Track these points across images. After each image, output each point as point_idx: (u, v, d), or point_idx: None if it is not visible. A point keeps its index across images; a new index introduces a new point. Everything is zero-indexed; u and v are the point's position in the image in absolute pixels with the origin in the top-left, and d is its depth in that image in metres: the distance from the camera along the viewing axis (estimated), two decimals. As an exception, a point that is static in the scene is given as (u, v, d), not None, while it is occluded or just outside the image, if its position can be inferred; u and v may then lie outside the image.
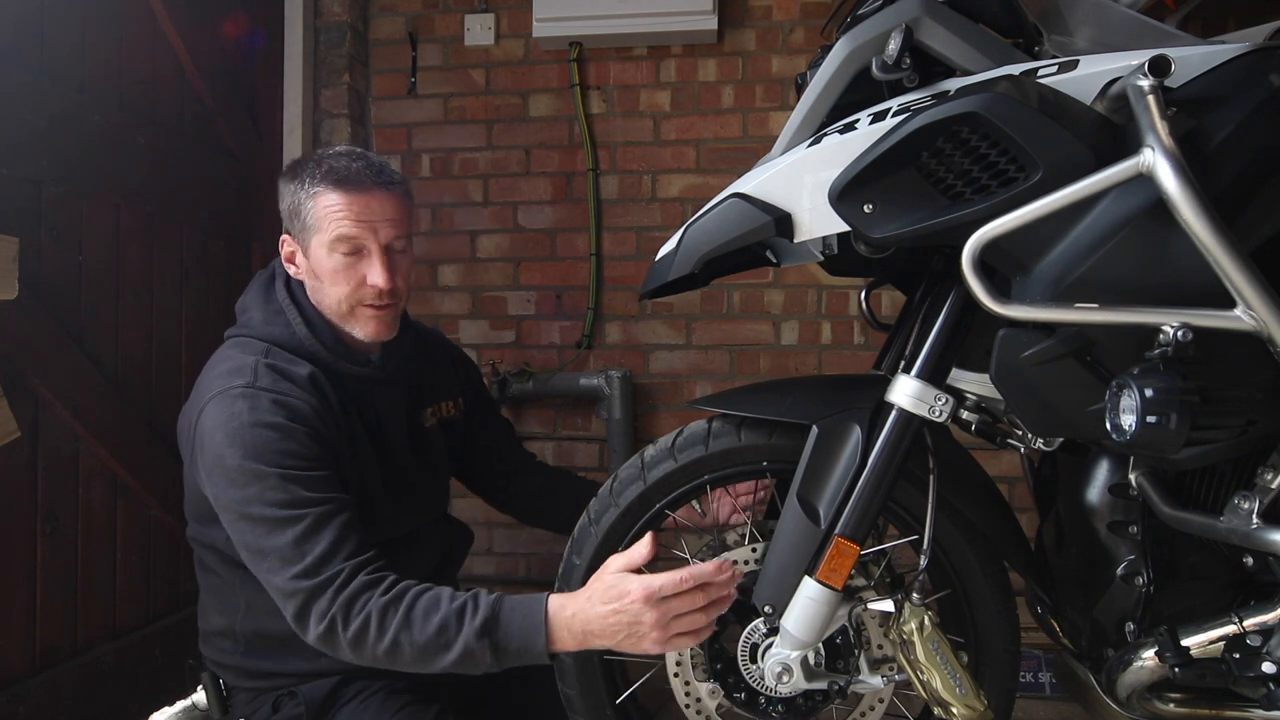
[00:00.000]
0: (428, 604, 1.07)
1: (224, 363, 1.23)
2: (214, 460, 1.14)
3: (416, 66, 2.46)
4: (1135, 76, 0.82)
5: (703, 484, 1.20)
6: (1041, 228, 0.88)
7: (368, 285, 1.24)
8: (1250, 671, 0.98)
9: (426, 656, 1.06)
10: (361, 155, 1.26)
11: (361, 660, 1.09)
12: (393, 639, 1.06)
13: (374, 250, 1.24)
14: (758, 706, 1.20)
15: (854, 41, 1.02)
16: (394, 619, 1.06)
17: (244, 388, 1.16)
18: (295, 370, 1.22)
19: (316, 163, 1.25)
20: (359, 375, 1.30)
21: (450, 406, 1.50)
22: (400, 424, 1.37)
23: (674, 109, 2.37)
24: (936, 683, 1.04)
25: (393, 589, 1.09)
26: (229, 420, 1.14)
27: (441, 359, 1.52)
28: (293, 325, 1.26)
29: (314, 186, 1.23)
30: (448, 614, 1.06)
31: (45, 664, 1.52)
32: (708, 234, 1.07)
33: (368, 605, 1.07)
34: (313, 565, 1.08)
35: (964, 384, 1.13)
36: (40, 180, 1.51)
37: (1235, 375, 0.88)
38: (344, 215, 1.21)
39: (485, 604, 1.08)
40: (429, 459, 1.43)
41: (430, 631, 1.05)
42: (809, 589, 1.07)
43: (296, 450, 1.14)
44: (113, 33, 1.71)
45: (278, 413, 1.15)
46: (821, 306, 2.32)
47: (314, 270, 1.26)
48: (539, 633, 1.05)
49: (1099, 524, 1.11)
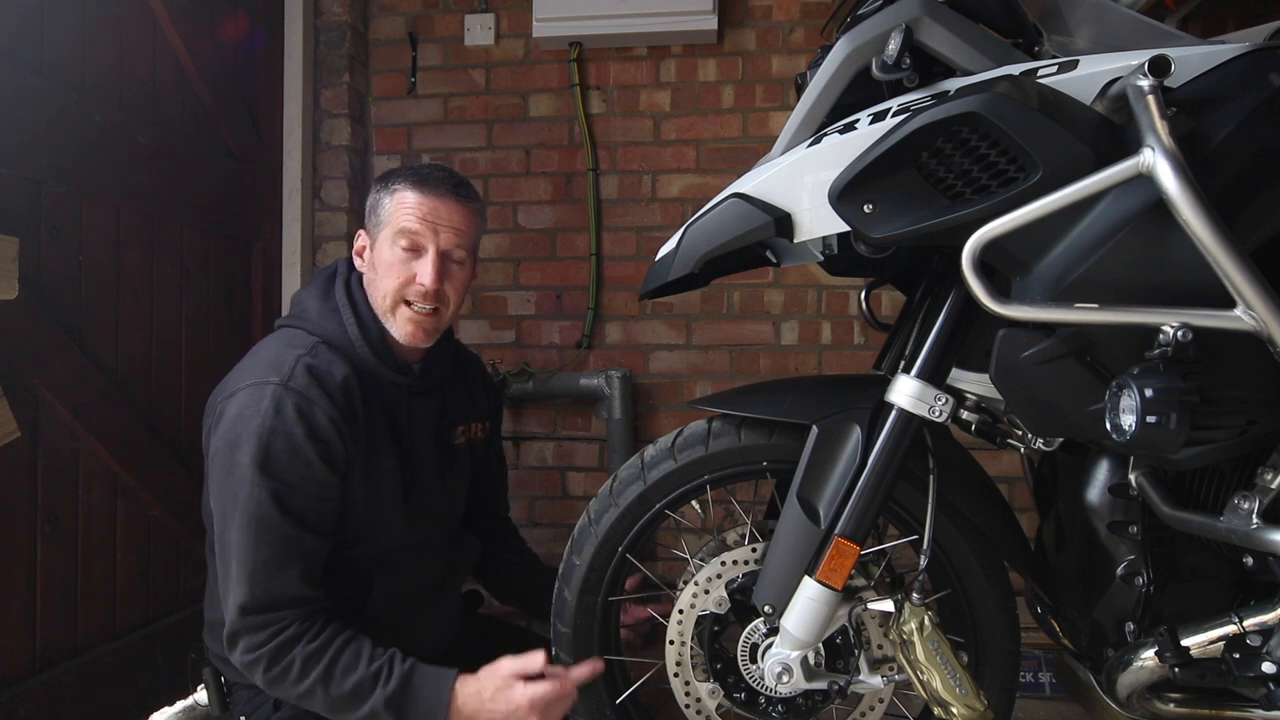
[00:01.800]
0: (348, 661, 1.17)
1: (268, 352, 1.27)
2: (225, 445, 1.19)
3: (416, 66, 2.46)
4: (1135, 76, 0.82)
5: (702, 484, 1.20)
6: (1041, 228, 0.88)
7: (416, 283, 1.27)
8: (1250, 671, 0.98)
9: (336, 709, 1.17)
10: (447, 169, 1.34)
11: (273, 694, 1.21)
12: (309, 688, 1.16)
13: (430, 251, 1.28)
14: (758, 706, 1.20)
15: (854, 41, 1.02)
16: (315, 670, 1.15)
17: (277, 385, 1.20)
18: (333, 373, 1.24)
19: (409, 167, 1.33)
20: (397, 383, 1.33)
21: (479, 429, 1.54)
22: (429, 437, 1.39)
23: (674, 109, 2.37)
24: (936, 683, 1.04)
25: (319, 637, 1.17)
26: (253, 416, 1.18)
27: (478, 383, 1.56)
28: (345, 324, 1.29)
29: (395, 184, 1.30)
30: (364, 676, 1.16)
31: (45, 664, 1.52)
32: (708, 234, 1.07)
33: (294, 652, 1.16)
34: (262, 600, 1.16)
35: (964, 384, 1.13)
36: (40, 180, 1.51)
37: (1235, 375, 0.88)
38: (411, 211, 1.27)
39: (398, 674, 1.17)
40: (452, 475, 1.45)
41: (345, 690, 1.15)
42: (809, 589, 1.07)
43: (301, 471, 1.18)
44: (113, 33, 1.71)
45: (298, 425, 1.18)
46: (821, 306, 2.32)
47: (374, 262, 1.31)
48: (441, 713, 1.16)
49: (1099, 524, 1.11)
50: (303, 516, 1.18)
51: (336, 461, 1.22)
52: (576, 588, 1.23)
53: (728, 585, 1.18)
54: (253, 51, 2.20)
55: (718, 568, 1.19)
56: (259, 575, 1.16)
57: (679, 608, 1.20)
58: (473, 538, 1.58)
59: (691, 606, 1.19)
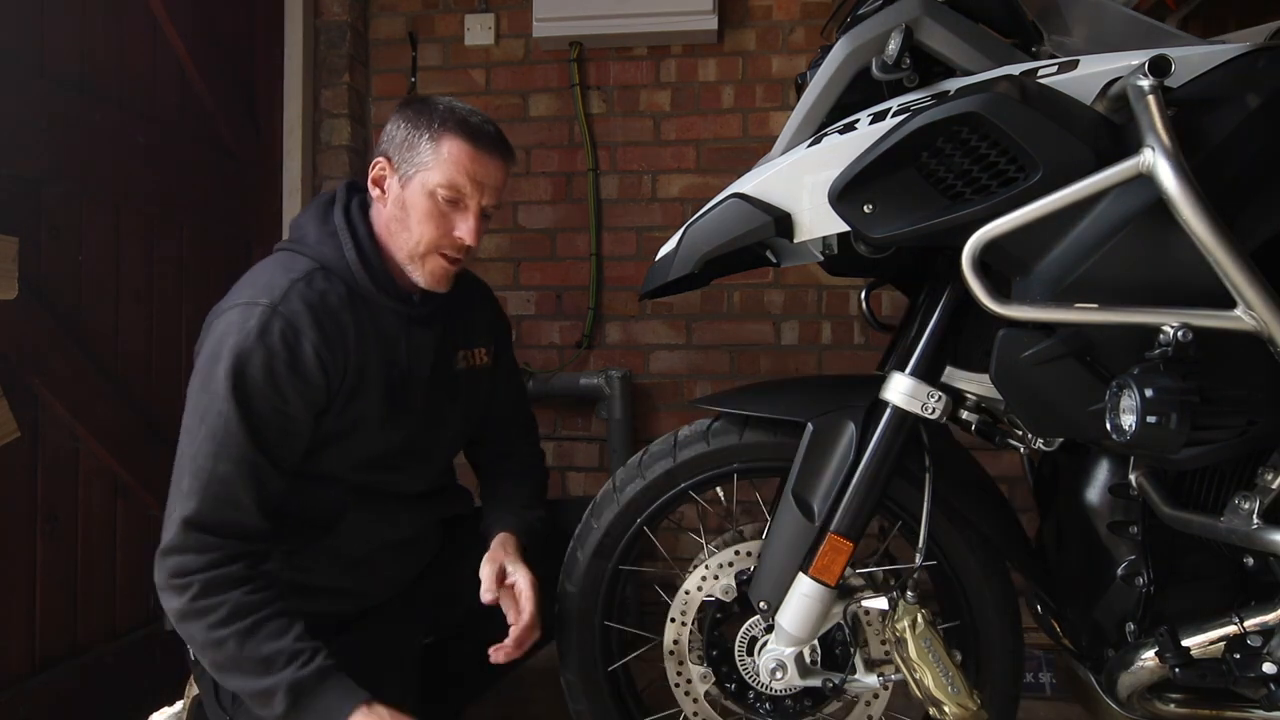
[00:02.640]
0: (277, 629, 1.10)
1: (263, 274, 1.25)
2: (206, 360, 1.18)
3: (416, 66, 2.46)
4: (1135, 76, 0.82)
5: (731, 472, 1.22)
6: (1041, 228, 0.88)
7: (454, 236, 1.27)
8: (1251, 672, 0.98)
9: (234, 668, 1.09)
10: (491, 121, 1.31)
11: (175, 626, 1.12)
12: (225, 636, 1.08)
13: (473, 207, 1.27)
14: (746, 700, 1.20)
15: (854, 41, 1.02)
16: (241, 622, 1.09)
17: (266, 307, 1.18)
18: (326, 301, 1.23)
19: (450, 109, 1.27)
20: (394, 310, 1.31)
21: (482, 354, 1.50)
22: (425, 366, 1.37)
23: (674, 109, 2.37)
24: (929, 681, 1.05)
25: (260, 593, 1.11)
26: (237, 334, 1.16)
27: (482, 307, 1.53)
28: (344, 249, 1.28)
29: (443, 129, 1.25)
30: (284, 649, 1.09)
31: (45, 664, 1.52)
32: (707, 234, 1.07)
33: (230, 595, 1.09)
34: (212, 520, 1.11)
35: (964, 384, 1.13)
36: (40, 180, 1.51)
37: (1235, 375, 0.88)
38: (462, 168, 1.24)
39: (317, 665, 1.10)
40: (449, 402, 1.42)
41: (260, 654, 1.08)
42: (803, 585, 1.08)
43: (274, 399, 1.16)
44: (113, 33, 1.71)
45: (281, 350, 1.16)
46: (821, 306, 2.32)
47: (404, 201, 1.27)
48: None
49: (1099, 524, 1.11)
50: (267, 443, 1.16)
51: (312, 395, 1.20)
52: (590, 550, 1.26)
53: (737, 575, 1.20)
54: (252, 51, 2.20)
55: (730, 555, 1.21)
56: (213, 488, 1.12)
57: (685, 588, 1.21)
58: (462, 492, 1.56)
59: (699, 589, 1.21)
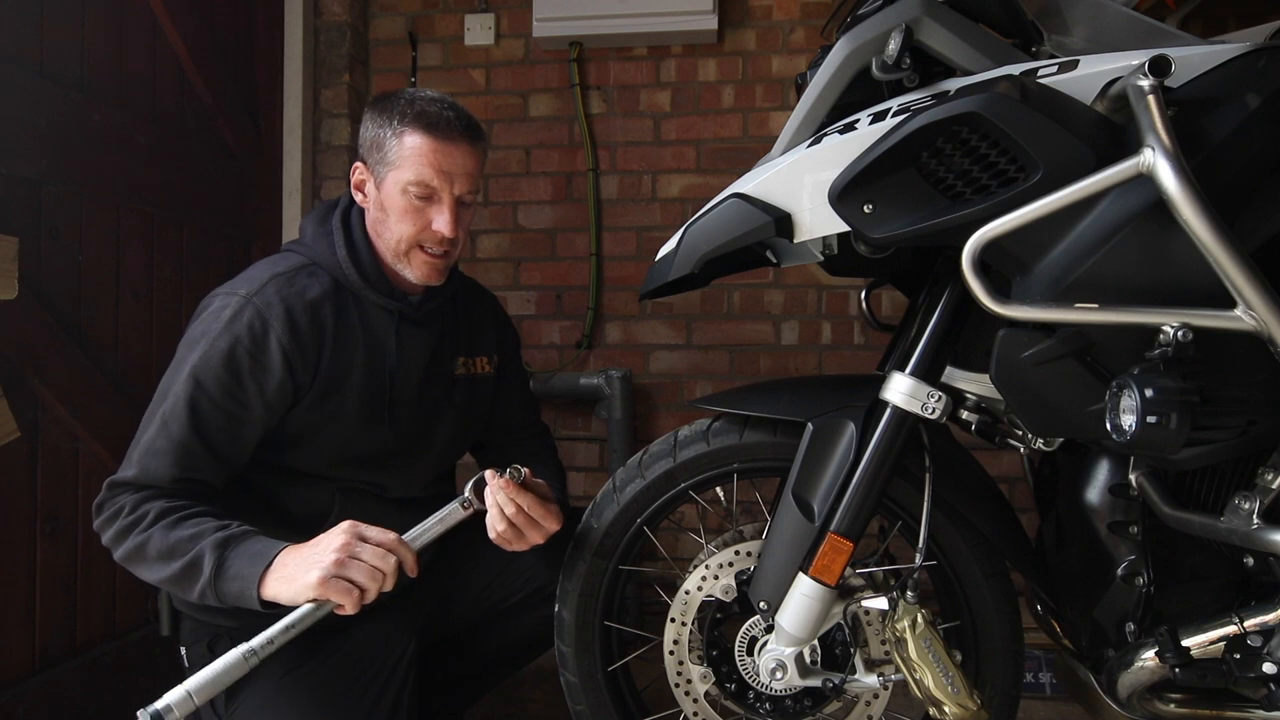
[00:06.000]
0: (201, 517, 1.15)
1: (255, 268, 1.30)
2: (183, 343, 1.26)
3: (416, 66, 2.46)
4: (1135, 76, 0.82)
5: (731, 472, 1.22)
6: (1041, 228, 0.88)
7: (432, 230, 1.27)
8: (1251, 672, 0.98)
9: (170, 555, 1.12)
10: (453, 105, 1.29)
11: (113, 546, 1.18)
12: (150, 533, 1.13)
13: (446, 199, 1.27)
14: (746, 700, 1.20)
15: (854, 41, 1.02)
16: (164, 520, 1.14)
17: (242, 297, 1.23)
18: (305, 294, 1.25)
19: (409, 101, 1.27)
20: (387, 309, 1.33)
21: (485, 363, 1.50)
22: (417, 364, 1.37)
23: (674, 109, 2.37)
24: (929, 681, 1.04)
25: (183, 498, 1.17)
26: (212, 321, 1.23)
27: (486, 317, 1.54)
28: (335, 248, 1.30)
29: (402, 124, 1.25)
30: (207, 525, 1.13)
31: (45, 664, 1.52)
32: (708, 234, 1.07)
33: (151, 505, 1.15)
34: (136, 488, 1.18)
35: (964, 384, 1.13)
36: (40, 180, 1.51)
37: (1235, 375, 0.88)
38: (426, 161, 1.25)
39: (240, 529, 1.14)
40: (445, 405, 1.42)
41: (185, 535, 1.12)
42: (803, 585, 1.08)
43: (230, 387, 1.20)
44: (113, 32, 1.71)
45: (246, 340, 1.21)
46: (821, 306, 2.32)
47: (382, 203, 1.29)
48: (266, 557, 1.10)
49: (1099, 524, 1.11)
50: (206, 430, 1.19)
51: (272, 387, 1.22)
52: (590, 550, 1.26)
53: (738, 575, 1.20)
54: (252, 51, 2.20)
55: (730, 555, 1.21)
56: (145, 460, 1.18)
57: (685, 588, 1.21)
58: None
59: (699, 589, 1.21)
